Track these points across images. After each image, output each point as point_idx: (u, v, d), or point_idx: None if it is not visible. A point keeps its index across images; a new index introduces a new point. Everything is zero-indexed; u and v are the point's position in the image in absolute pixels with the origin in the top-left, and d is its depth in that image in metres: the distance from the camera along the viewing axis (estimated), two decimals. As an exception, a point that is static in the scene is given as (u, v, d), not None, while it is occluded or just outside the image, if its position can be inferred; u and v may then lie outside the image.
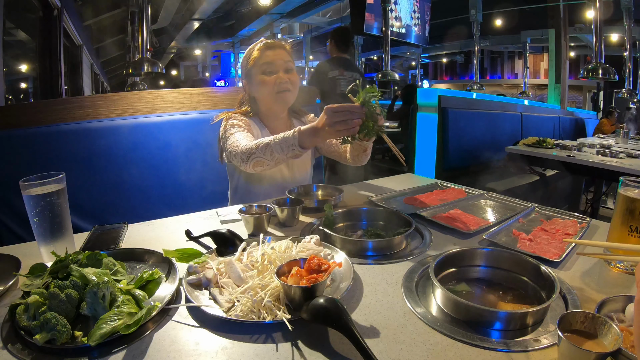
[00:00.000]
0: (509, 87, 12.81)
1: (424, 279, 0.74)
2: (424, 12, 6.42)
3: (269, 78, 1.26)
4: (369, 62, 13.67)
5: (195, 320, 0.62)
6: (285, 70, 1.28)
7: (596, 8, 3.41)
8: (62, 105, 1.43)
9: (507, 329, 0.58)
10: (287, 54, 1.30)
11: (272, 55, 1.27)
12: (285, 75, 1.27)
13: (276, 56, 1.27)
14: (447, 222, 1.02)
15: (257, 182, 1.35)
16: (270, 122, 1.36)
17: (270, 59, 1.26)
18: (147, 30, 2.99)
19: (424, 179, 1.58)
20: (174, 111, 1.64)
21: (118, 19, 6.47)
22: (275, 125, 1.36)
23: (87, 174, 1.42)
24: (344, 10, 8.85)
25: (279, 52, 1.28)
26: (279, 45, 1.30)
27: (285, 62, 1.28)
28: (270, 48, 1.28)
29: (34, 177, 0.79)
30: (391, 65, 5.07)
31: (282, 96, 1.28)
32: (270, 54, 1.27)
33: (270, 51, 1.27)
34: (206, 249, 0.87)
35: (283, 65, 1.28)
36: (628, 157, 2.55)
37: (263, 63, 1.27)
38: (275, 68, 1.26)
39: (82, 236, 0.95)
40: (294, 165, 1.38)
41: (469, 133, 3.30)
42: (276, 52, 1.28)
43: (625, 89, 4.64)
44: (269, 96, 1.28)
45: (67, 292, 0.59)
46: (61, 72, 3.75)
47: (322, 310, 0.56)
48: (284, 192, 1.20)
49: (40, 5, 3.62)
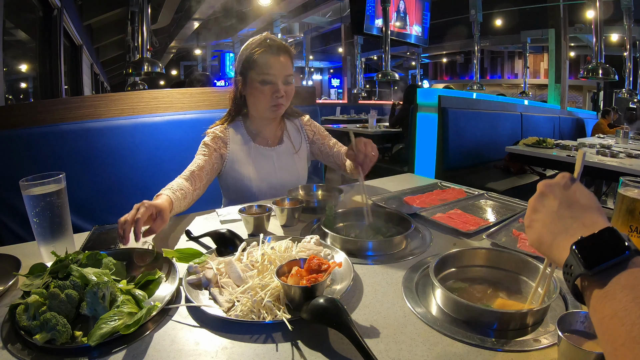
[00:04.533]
0: (509, 87, 12.81)
1: (424, 279, 0.74)
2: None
3: (266, 89, 1.21)
4: (369, 62, 13.67)
5: (195, 320, 0.62)
6: (284, 82, 1.23)
7: (596, 8, 3.42)
8: (62, 105, 1.43)
9: (507, 329, 0.58)
10: (289, 60, 1.25)
11: (273, 62, 1.20)
12: (283, 88, 1.22)
13: (277, 64, 1.20)
14: (447, 222, 1.02)
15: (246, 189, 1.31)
16: (257, 124, 1.33)
17: (271, 67, 1.20)
18: (147, 30, 2.99)
19: (424, 179, 1.58)
20: (174, 111, 1.64)
21: (118, 19, 6.48)
22: (264, 125, 1.33)
23: (87, 174, 1.42)
24: (344, 10, 8.86)
25: (281, 60, 1.21)
26: (283, 50, 1.23)
27: (286, 73, 1.23)
28: (273, 53, 1.20)
29: (34, 177, 0.79)
30: (391, 65, 5.07)
31: (274, 109, 1.25)
32: (272, 61, 1.20)
33: (272, 58, 1.20)
34: (206, 249, 0.87)
35: (283, 76, 1.22)
36: (628, 157, 2.55)
37: (262, 71, 1.20)
38: (274, 78, 1.21)
39: (82, 236, 0.95)
40: (284, 170, 1.34)
41: (469, 133, 3.30)
42: (278, 59, 1.21)
43: (625, 89, 4.64)
44: (261, 106, 1.25)
45: (67, 292, 0.59)
46: (61, 72, 3.75)
47: (322, 310, 0.56)
48: (274, 196, 1.20)
49: (40, 5, 3.62)
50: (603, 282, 0.38)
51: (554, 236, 0.47)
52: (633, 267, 0.37)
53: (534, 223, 0.50)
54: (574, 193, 0.48)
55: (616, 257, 0.38)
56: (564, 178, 0.50)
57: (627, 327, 0.34)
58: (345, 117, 6.77)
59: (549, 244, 0.47)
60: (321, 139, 1.43)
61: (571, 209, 0.47)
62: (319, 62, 17.06)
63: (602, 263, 0.38)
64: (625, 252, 0.38)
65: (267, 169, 1.32)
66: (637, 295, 0.35)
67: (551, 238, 0.47)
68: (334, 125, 5.40)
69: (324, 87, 19.09)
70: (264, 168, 1.31)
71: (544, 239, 0.48)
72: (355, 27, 5.62)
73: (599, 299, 0.38)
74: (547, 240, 0.47)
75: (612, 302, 0.36)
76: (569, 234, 0.45)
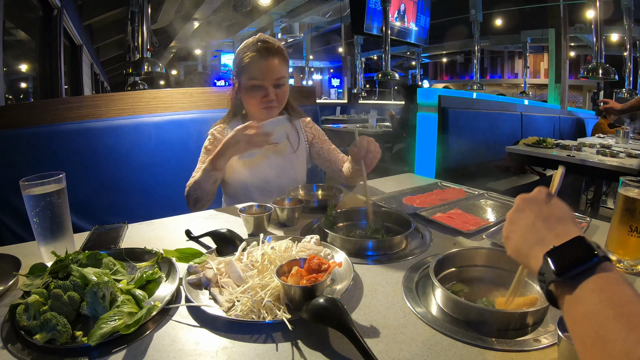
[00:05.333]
0: (509, 87, 12.80)
1: (424, 279, 0.74)
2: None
3: (256, 93, 1.22)
4: (369, 62, 13.66)
5: (195, 320, 0.62)
6: (275, 85, 1.22)
7: (596, 8, 3.42)
8: (62, 105, 1.43)
9: (507, 329, 0.58)
10: (282, 62, 1.23)
11: (262, 67, 1.19)
12: (273, 92, 1.22)
13: (267, 69, 1.19)
14: (447, 222, 1.02)
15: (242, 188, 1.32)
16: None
17: (260, 72, 1.19)
18: (147, 30, 2.99)
19: (424, 179, 1.58)
20: (174, 111, 1.64)
21: (118, 19, 6.48)
22: None
23: (87, 174, 1.42)
24: (344, 10, 8.86)
25: (272, 63, 1.20)
26: (274, 52, 1.21)
27: (276, 77, 1.21)
28: (263, 57, 1.19)
29: (34, 177, 0.79)
30: (391, 65, 5.08)
31: (265, 111, 1.25)
32: (262, 65, 1.19)
33: (262, 62, 1.19)
34: (206, 249, 0.87)
35: (272, 80, 1.21)
36: (628, 157, 2.55)
37: (251, 76, 1.20)
38: (265, 83, 1.21)
39: (82, 236, 0.95)
40: (281, 169, 1.35)
41: (469, 133, 3.30)
42: (269, 62, 1.19)
43: (625, 89, 4.64)
44: (253, 109, 1.27)
45: (69, 294, 0.59)
46: (61, 72, 3.75)
47: (322, 310, 0.56)
48: (268, 197, 1.21)
49: (40, 5, 3.61)
50: (573, 287, 0.40)
51: (530, 247, 0.49)
52: (601, 272, 0.40)
53: (511, 234, 0.53)
54: (550, 207, 0.51)
55: (585, 264, 0.40)
56: (540, 193, 0.53)
57: (595, 327, 0.36)
58: (345, 117, 6.77)
59: (526, 253, 0.50)
60: (320, 143, 1.43)
61: (546, 221, 0.50)
62: (319, 62, 17.06)
63: (571, 270, 0.41)
64: (593, 258, 0.41)
65: (264, 167, 1.32)
66: (604, 298, 0.37)
67: (528, 248, 0.50)
68: (334, 125, 5.40)
69: (324, 87, 19.08)
70: (261, 166, 1.32)
71: (521, 249, 0.51)
72: (355, 27, 5.62)
73: (570, 303, 0.40)
74: (524, 251, 0.50)
75: (582, 306, 0.39)
76: (543, 244, 0.47)
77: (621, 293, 0.37)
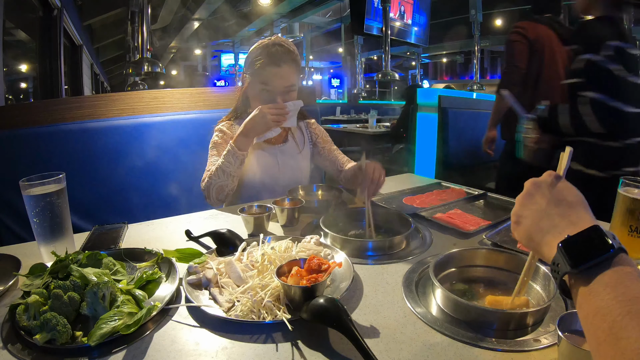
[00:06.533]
0: (509, 87, 12.78)
1: (424, 279, 0.74)
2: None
3: (264, 98, 1.23)
4: (369, 62, 13.67)
5: (195, 320, 0.62)
6: (284, 92, 1.23)
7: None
8: (62, 105, 1.43)
9: (507, 329, 0.58)
10: (293, 68, 1.23)
11: (273, 75, 1.20)
12: (281, 99, 1.21)
13: (277, 77, 1.20)
14: (447, 222, 1.02)
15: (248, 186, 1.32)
16: None
17: (271, 79, 1.20)
18: (147, 30, 2.99)
19: (424, 179, 1.58)
20: (174, 111, 1.64)
21: (118, 19, 6.48)
22: None
23: (87, 174, 1.42)
24: (344, 10, 8.86)
25: (284, 71, 1.20)
26: (286, 59, 1.20)
27: (286, 84, 1.22)
28: (276, 64, 1.19)
29: (34, 177, 0.79)
30: (391, 65, 5.07)
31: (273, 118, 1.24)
32: (273, 73, 1.20)
33: (273, 69, 1.20)
34: (206, 249, 0.87)
35: (282, 87, 1.22)
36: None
37: (262, 81, 1.21)
38: (273, 90, 1.21)
39: (82, 236, 0.95)
40: (287, 168, 1.35)
41: (469, 133, 3.30)
42: (281, 70, 1.20)
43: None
44: None
45: (69, 295, 0.59)
46: (61, 72, 3.75)
47: (322, 310, 0.56)
48: (275, 196, 1.20)
49: (40, 5, 3.62)
50: (588, 280, 0.39)
51: (542, 234, 0.48)
52: (617, 265, 0.39)
53: (522, 219, 0.52)
54: (561, 191, 0.50)
55: (600, 256, 0.39)
56: (550, 176, 0.52)
57: (608, 323, 0.35)
58: (345, 117, 6.77)
59: (538, 241, 0.49)
60: (322, 143, 1.45)
61: (559, 206, 0.48)
62: (319, 62, 17.05)
63: (587, 262, 0.40)
64: (609, 250, 0.39)
65: (271, 165, 1.33)
66: (619, 294, 0.36)
67: (540, 235, 0.48)
68: (334, 125, 5.39)
69: (324, 87, 19.08)
70: (268, 164, 1.32)
71: (533, 236, 0.50)
72: (355, 27, 5.62)
73: (584, 296, 0.39)
74: (537, 238, 0.49)
75: (595, 300, 0.38)
76: (557, 231, 0.46)
77: (637, 289, 0.36)
